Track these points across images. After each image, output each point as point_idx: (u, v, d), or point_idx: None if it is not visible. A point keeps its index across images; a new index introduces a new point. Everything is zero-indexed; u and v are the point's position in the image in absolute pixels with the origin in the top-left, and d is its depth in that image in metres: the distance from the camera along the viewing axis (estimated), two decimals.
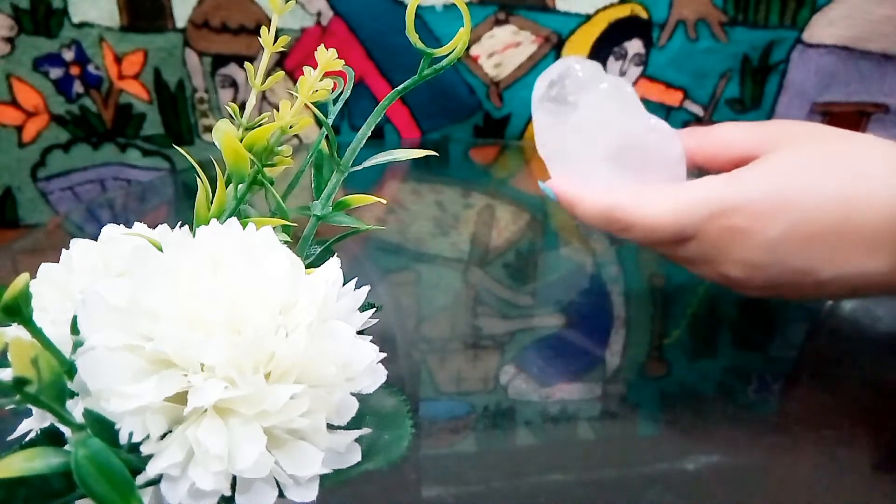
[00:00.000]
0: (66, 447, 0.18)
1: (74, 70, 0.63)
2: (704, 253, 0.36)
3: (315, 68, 0.25)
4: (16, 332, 0.17)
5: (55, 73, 0.62)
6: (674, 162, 0.42)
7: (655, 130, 0.41)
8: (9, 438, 0.22)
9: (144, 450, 0.19)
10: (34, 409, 0.21)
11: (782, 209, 0.35)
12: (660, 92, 0.67)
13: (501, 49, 0.67)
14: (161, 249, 0.21)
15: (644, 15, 0.65)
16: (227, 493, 0.19)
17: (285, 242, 0.23)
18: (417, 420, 0.32)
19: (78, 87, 0.63)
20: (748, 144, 0.40)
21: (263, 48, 0.26)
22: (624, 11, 0.65)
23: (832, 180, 0.35)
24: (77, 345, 0.19)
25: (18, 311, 0.17)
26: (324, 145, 0.27)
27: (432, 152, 0.27)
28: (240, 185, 0.25)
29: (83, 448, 0.17)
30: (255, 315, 0.19)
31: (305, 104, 0.25)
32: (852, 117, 0.67)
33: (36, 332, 0.18)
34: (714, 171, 0.39)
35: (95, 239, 0.24)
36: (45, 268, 0.23)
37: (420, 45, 0.24)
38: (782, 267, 0.35)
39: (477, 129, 0.71)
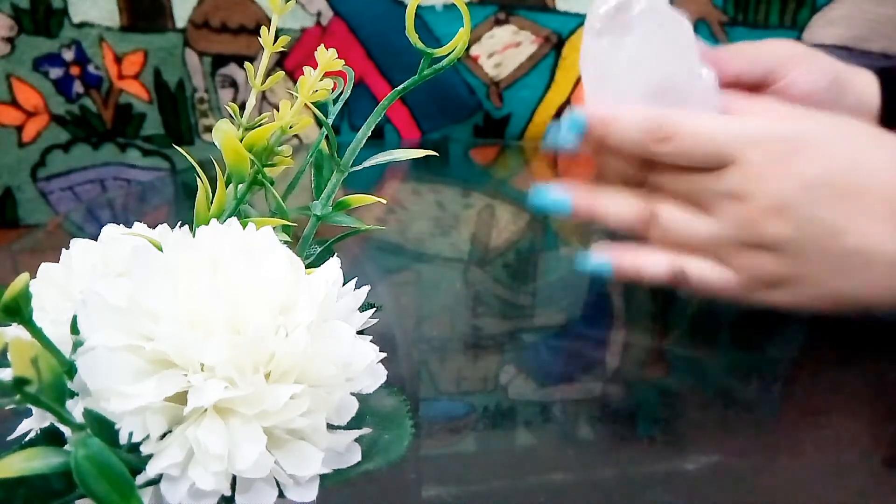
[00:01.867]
0: (66, 447, 0.18)
1: (74, 70, 0.63)
2: (741, 184, 0.36)
3: (315, 68, 0.25)
4: (16, 332, 0.17)
5: (55, 73, 0.62)
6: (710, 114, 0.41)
7: (702, 79, 0.41)
8: (9, 438, 0.22)
9: (144, 450, 0.18)
10: (34, 409, 0.21)
11: (831, 153, 0.36)
12: None
13: (501, 49, 0.67)
14: (161, 249, 0.21)
15: None
16: (227, 493, 0.19)
17: (285, 242, 0.23)
18: (417, 420, 0.32)
19: (78, 87, 0.63)
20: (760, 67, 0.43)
21: (263, 48, 0.26)
22: None
23: (883, 154, 0.36)
24: (77, 345, 0.19)
25: (18, 311, 0.17)
26: (324, 145, 0.27)
27: (432, 152, 0.27)
28: (240, 185, 0.25)
29: (83, 448, 0.17)
30: (255, 315, 0.19)
31: (305, 104, 0.25)
32: None
33: (36, 332, 0.18)
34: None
35: (95, 239, 0.24)
36: (45, 268, 0.23)
37: (420, 45, 0.24)
38: (811, 214, 0.35)
39: (477, 129, 0.71)
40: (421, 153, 0.27)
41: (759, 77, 0.44)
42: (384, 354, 0.22)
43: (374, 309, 0.24)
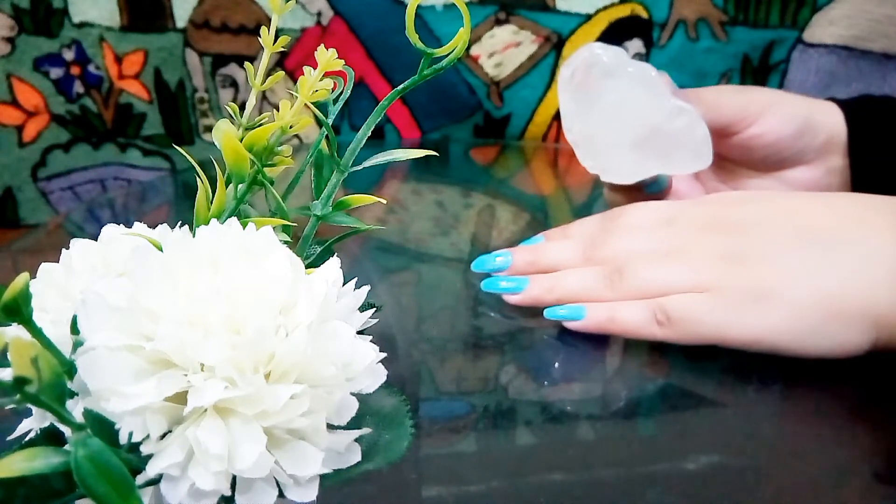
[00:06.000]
0: (66, 447, 0.18)
1: (75, 70, 0.63)
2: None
3: (315, 68, 0.25)
4: (16, 332, 0.17)
5: (55, 72, 0.62)
6: (699, 144, 0.42)
7: (681, 113, 0.41)
8: (9, 438, 0.22)
9: (144, 450, 0.19)
10: (34, 409, 0.22)
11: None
12: None
13: (502, 49, 0.67)
14: (161, 249, 0.21)
15: (644, 15, 0.65)
16: (227, 493, 0.19)
17: (285, 242, 0.23)
18: (417, 420, 0.32)
19: (78, 87, 0.63)
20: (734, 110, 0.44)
21: (263, 48, 0.26)
22: (624, 11, 0.65)
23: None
24: (77, 345, 0.19)
25: (18, 311, 0.17)
26: (324, 145, 0.27)
27: (432, 152, 0.27)
28: (240, 185, 0.25)
29: (83, 448, 0.17)
30: (255, 315, 0.19)
31: (305, 104, 0.25)
32: None
33: (36, 332, 0.18)
34: None
35: (95, 239, 0.24)
36: (45, 268, 0.23)
37: (420, 45, 0.24)
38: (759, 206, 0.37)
39: (477, 128, 0.71)
40: (421, 153, 0.27)
41: (723, 125, 0.45)
42: (384, 354, 0.22)
43: (374, 309, 0.24)
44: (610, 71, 0.42)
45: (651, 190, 0.47)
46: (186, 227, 0.23)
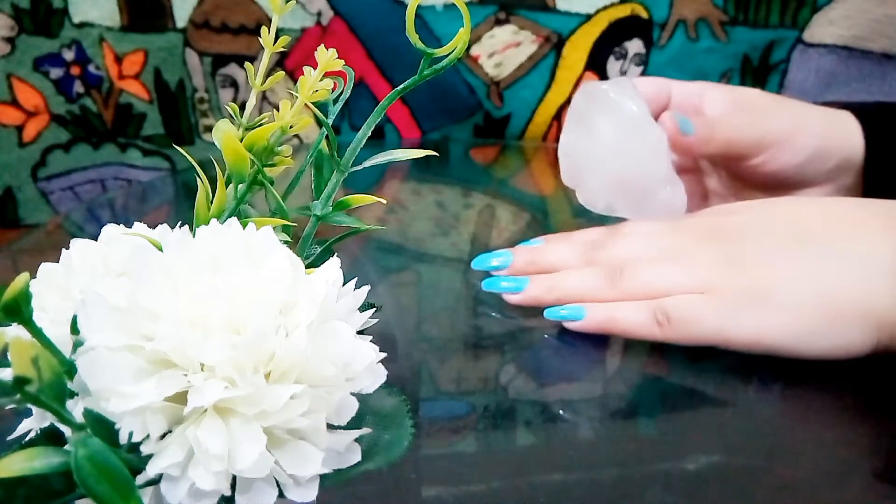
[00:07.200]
0: (66, 447, 0.18)
1: (75, 70, 0.63)
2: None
3: (315, 68, 0.25)
4: (16, 332, 0.17)
5: (55, 72, 0.62)
6: (671, 214, 0.42)
7: (670, 185, 0.42)
8: (9, 438, 0.22)
9: (144, 450, 0.19)
10: (34, 409, 0.22)
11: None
12: None
13: (502, 49, 0.67)
14: (161, 249, 0.21)
15: (644, 15, 0.65)
16: (227, 493, 0.19)
17: (285, 242, 0.23)
18: (417, 420, 0.32)
19: (78, 87, 0.63)
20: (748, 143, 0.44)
21: (263, 48, 0.26)
22: (624, 11, 0.65)
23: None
24: (77, 345, 0.19)
25: (18, 311, 0.17)
26: (324, 145, 0.27)
27: (432, 152, 0.27)
28: (240, 185, 0.25)
29: (83, 448, 0.17)
30: (255, 315, 0.19)
31: (305, 104, 0.25)
32: None
33: (36, 332, 0.18)
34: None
35: (95, 239, 0.24)
36: (45, 268, 0.23)
37: (420, 45, 0.24)
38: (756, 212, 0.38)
39: (477, 128, 0.71)
40: (421, 153, 0.27)
41: (735, 158, 0.44)
42: (384, 354, 0.22)
43: (374, 309, 0.24)
44: (627, 120, 0.42)
45: None
46: (186, 227, 0.23)
